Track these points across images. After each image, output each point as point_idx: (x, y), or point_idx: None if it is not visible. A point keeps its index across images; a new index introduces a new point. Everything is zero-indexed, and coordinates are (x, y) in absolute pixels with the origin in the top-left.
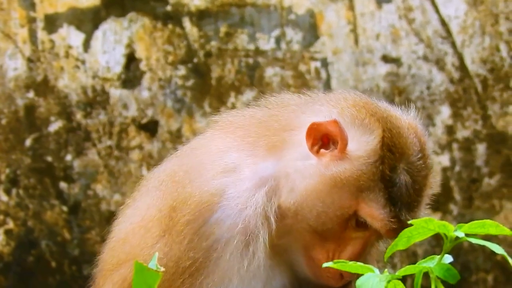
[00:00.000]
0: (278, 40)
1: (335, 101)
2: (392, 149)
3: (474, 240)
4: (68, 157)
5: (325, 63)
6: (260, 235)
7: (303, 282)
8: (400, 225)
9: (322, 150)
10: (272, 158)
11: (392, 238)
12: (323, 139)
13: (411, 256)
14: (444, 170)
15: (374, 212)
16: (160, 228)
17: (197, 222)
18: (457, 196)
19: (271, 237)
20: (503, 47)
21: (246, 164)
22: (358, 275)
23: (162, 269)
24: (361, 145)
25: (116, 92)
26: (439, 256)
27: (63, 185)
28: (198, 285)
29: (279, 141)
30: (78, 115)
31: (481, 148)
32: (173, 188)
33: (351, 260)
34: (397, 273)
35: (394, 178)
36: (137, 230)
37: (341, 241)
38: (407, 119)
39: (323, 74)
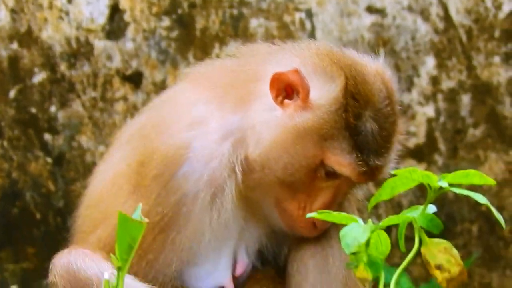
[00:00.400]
0: None
1: (299, 50)
2: (356, 97)
3: (457, 190)
4: (52, 109)
5: (309, 14)
6: (226, 186)
7: (278, 233)
8: (370, 169)
9: (286, 101)
10: (240, 110)
11: (363, 183)
12: (286, 89)
13: (396, 207)
14: (429, 120)
15: (340, 159)
16: (130, 184)
17: (164, 177)
18: (441, 146)
19: (240, 189)
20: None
21: (213, 116)
22: (333, 225)
23: (146, 220)
24: (323, 93)
25: (100, 44)
26: (422, 206)
27: (47, 136)
28: (171, 241)
29: (246, 93)
30: (62, 66)
31: (465, 99)
32: (141, 143)
33: (324, 209)
34: (380, 224)
35: (359, 126)
36: (109, 187)
37: (312, 192)
38: (374, 66)
39: (308, 25)
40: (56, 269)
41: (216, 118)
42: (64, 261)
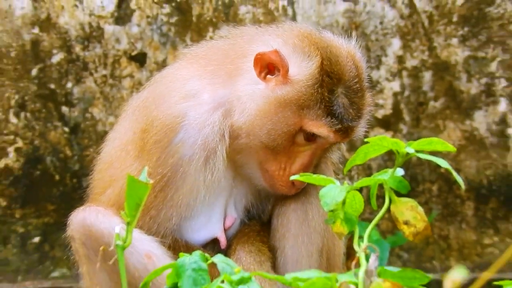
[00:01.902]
0: None
1: (282, 32)
2: (330, 75)
3: (422, 156)
4: (69, 85)
5: (291, 1)
6: (218, 149)
7: (262, 192)
8: (344, 128)
9: (269, 76)
10: (228, 84)
11: (339, 142)
12: (269, 66)
13: (366, 169)
14: (395, 94)
15: (317, 123)
16: (136, 149)
17: (163, 142)
18: (406, 117)
19: (228, 152)
20: None
21: (205, 90)
22: (311, 184)
23: (151, 181)
24: (301, 70)
25: (109, 28)
26: (392, 170)
27: (64, 109)
28: (170, 198)
29: (234, 69)
30: (77, 48)
31: (427, 75)
32: (144, 113)
33: (301, 170)
34: (355, 185)
35: (332, 100)
36: (118, 153)
37: (291, 154)
38: (346, 47)
39: (290, 11)
40: (73, 224)
41: (208, 91)
42: (80, 217)
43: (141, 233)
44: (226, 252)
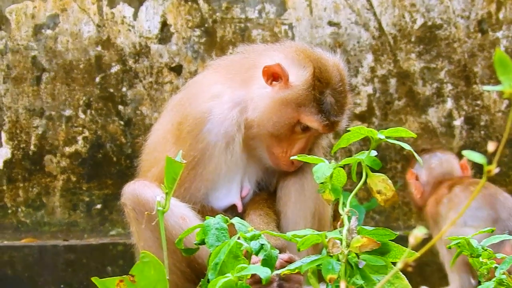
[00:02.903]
0: (260, 12)
1: (283, 48)
2: (320, 80)
3: (391, 140)
4: (124, 89)
5: (291, 26)
6: (236, 137)
7: (269, 169)
8: (330, 123)
9: (274, 82)
10: (244, 88)
11: (327, 133)
12: (273, 75)
13: (348, 152)
14: (369, 96)
15: (311, 118)
16: (174, 137)
17: (194, 131)
18: (377, 112)
19: (244, 139)
20: (407, 15)
21: (226, 92)
22: (307, 164)
23: (184, 161)
24: (298, 77)
25: (154, 46)
26: (367, 152)
27: (120, 107)
28: (199, 174)
29: (248, 77)
30: (130, 61)
31: (392, 81)
32: (180, 109)
33: (298, 152)
34: (340, 163)
35: (322, 99)
36: (161, 140)
37: (291, 141)
38: (333, 60)
39: (290, 34)
40: (125, 194)
41: (228, 93)
42: (131, 188)
43: (177, 201)
44: (242, 215)
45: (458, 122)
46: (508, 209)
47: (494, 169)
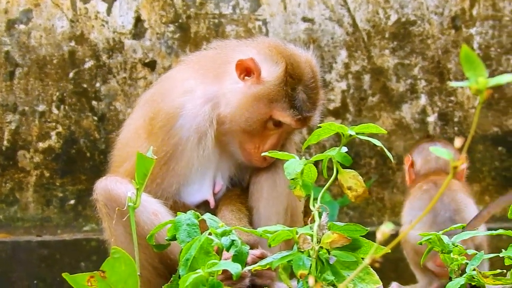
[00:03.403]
0: (234, 7)
1: (256, 44)
2: (292, 76)
3: (361, 137)
4: (97, 84)
5: (265, 22)
6: (208, 132)
7: (242, 165)
8: (303, 118)
9: (246, 78)
10: (216, 83)
11: (300, 128)
12: (246, 70)
13: (322, 148)
14: (343, 92)
15: (283, 113)
16: (145, 133)
17: (167, 127)
18: (351, 108)
19: (216, 134)
20: (380, 11)
21: (199, 88)
22: (279, 160)
23: (155, 157)
24: (271, 73)
25: (128, 42)
26: (338, 148)
27: (94, 102)
28: (171, 170)
29: (221, 72)
30: (104, 57)
31: (366, 77)
32: (152, 105)
33: (270, 148)
34: (311, 159)
35: (294, 95)
36: (133, 136)
37: (263, 137)
38: (305, 56)
39: (264, 30)
40: (97, 189)
41: (200, 89)
42: (103, 184)
43: (149, 196)
44: (214, 211)
45: (431, 118)
46: (448, 212)
47: (461, 165)
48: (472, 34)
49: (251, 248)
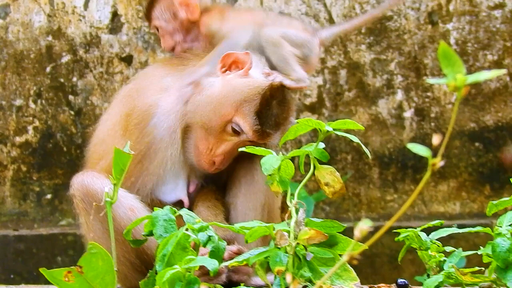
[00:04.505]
0: (211, 1)
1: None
2: (276, 87)
3: (338, 133)
4: (74, 79)
5: None
6: (178, 130)
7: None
8: (263, 134)
9: (228, 72)
10: (194, 78)
11: (256, 141)
12: (234, 63)
13: (298, 143)
14: (319, 87)
15: (245, 118)
16: (121, 129)
17: (141, 125)
18: (327, 104)
19: (182, 129)
20: (357, 6)
21: (175, 86)
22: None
23: (133, 152)
24: (257, 77)
25: (105, 37)
26: (315, 144)
27: (71, 97)
28: (145, 169)
29: (200, 64)
30: (81, 51)
31: (343, 73)
32: (129, 101)
33: (222, 155)
34: (288, 155)
35: (265, 106)
36: (110, 132)
37: (219, 140)
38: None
39: None
40: (74, 185)
41: (176, 86)
42: (80, 179)
43: (126, 192)
44: (190, 208)
45: (408, 113)
46: None
47: (439, 162)
48: (448, 30)
49: (228, 244)
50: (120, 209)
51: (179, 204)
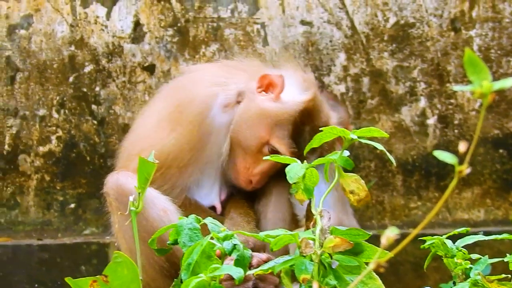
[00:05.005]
0: (232, 11)
1: (293, 68)
2: (310, 113)
3: (363, 140)
4: (97, 89)
5: (263, 26)
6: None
7: None
8: (303, 156)
9: (263, 93)
10: (244, 86)
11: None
12: (268, 85)
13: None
14: (342, 94)
15: (281, 141)
16: (171, 123)
17: (202, 116)
18: (350, 111)
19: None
20: (379, 14)
21: (231, 82)
22: (266, 186)
23: (157, 161)
24: (292, 98)
25: (127, 46)
26: (340, 152)
27: (94, 106)
28: (199, 158)
29: (250, 78)
30: (103, 61)
31: (365, 80)
32: (180, 92)
33: (259, 175)
34: (312, 163)
35: (300, 131)
36: (154, 129)
37: (256, 160)
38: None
39: (262, 33)
40: (108, 183)
41: (233, 83)
42: (114, 178)
43: (159, 193)
44: (223, 213)
45: (431, 120)
46: None
47: (466, 170)
48: (471, 36)
49: (258, 252)
50: (153, 211)
51: (211, 210)
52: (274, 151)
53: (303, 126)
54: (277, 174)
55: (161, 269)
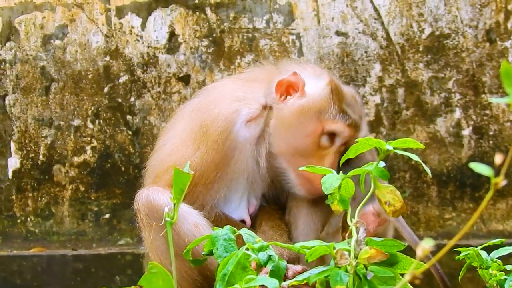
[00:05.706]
0: (268, 22)
1: (300, 64)
2: (336, 91)
3: (399, 152)
4: (132, 99)
5: (298, 36)
6: (263, 145)
7: (276, 183)
8: (353, 122)
9: (288, 97)
10: (264, 98)
11: (352, 135)
12: (287, 89)
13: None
14: (377, 105)
15: (334, 121)
16: (195, 143)
17: (226, 132)
18: (385, 122)
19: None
20: (414, 25)
21: (251, 97)
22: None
23: (192, 172)
24: (315, 86)
25: (162, 56)
26: (375, 163)
27: (128, 117)
28: (225, 174)
29: (269, 88)
30: (138, 71)
31: (400, 91)
32: (202, 113)
33: (331, 167)
34: (348, 174)
35: (340, 104)
36: (179, 147)
37: (319, 158)
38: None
39: (297, 44)
40: (139, 199)
41: (253, 97)
42: (145, 194)
43: (191, 208)
44: (254, 226)
45: (466, 131)
46: None
47: (502, 182)
48: (507, 47)
49: (293, 264)
50: (185, 225)
51: (242, 223)
52: (332, 136)
53: (341, 101)
54: None
55: (195, 282)
